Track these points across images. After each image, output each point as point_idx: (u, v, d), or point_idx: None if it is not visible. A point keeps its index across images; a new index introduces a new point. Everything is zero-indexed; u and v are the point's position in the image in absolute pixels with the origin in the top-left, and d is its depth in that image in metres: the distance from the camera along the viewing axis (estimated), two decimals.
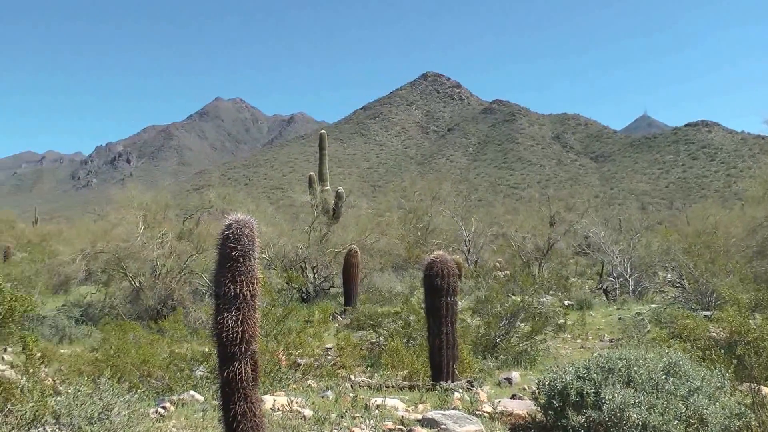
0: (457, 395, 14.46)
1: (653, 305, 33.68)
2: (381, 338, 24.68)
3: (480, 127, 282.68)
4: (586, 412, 10.34)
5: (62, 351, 23.84)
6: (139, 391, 13.59)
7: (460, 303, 17.88)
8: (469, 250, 54.71)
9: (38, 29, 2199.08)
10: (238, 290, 8.29)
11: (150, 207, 37.60)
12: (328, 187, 52.69)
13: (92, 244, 38.49)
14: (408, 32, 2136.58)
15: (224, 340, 8.32)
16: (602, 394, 10.36)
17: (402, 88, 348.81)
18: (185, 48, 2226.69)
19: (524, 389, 16.26)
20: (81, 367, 17.35)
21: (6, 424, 9.89)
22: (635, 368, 10.90)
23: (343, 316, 32.85)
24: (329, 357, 19.78)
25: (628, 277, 41.86)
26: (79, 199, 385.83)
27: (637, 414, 10.01)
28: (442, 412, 12.27)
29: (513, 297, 27.45)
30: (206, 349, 17.93)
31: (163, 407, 13.22)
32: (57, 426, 10.54)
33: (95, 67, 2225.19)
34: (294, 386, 16.27)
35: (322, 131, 60.98)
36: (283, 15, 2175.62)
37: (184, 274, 34.86)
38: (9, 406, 9.66)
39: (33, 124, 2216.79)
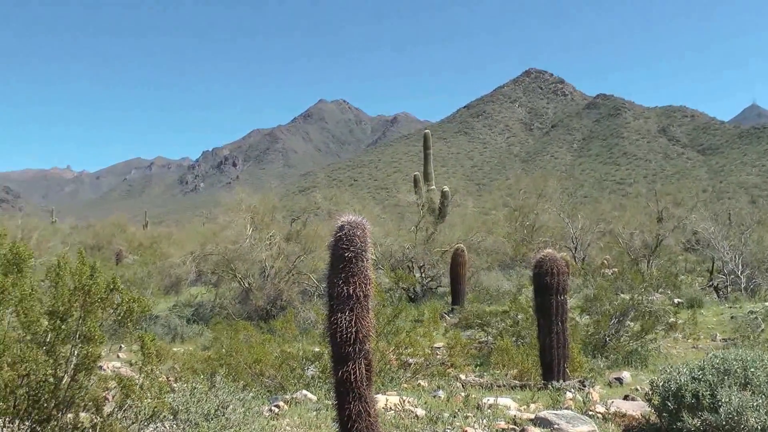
0: (569, 395, 14.30)
1: (767, 303, 32.73)
2: (489, 337, 24.54)
3: (584, 122, 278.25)
4: (701, 415, 10.07)
5: (175, 349, 24.36)
6: (253, 389, 13.78)
7: (568, 301, 17.67)
8: (576, 248, 54.01)
9: (146, 43, 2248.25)
10: (351, 291, 8.31)
11: (258, 209, 37.99)
12: (434, 187, 52.64)
13: (202, 247, 39.14)
14: (510, 29, 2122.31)
15: (338, 340, 8.36)
16: (718, 397, 10.07)
17: (505, 86, 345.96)
18: (288, 52, 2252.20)
19: (636, 390, 15.98)
20: (194, 365, 17.68)
21: (125, 419, 10.11)
22: (752, 370, 10.58)
23: (450, 315, 32.73)
24: (438, 356, 19.73)
25: (739, 273, 40.71)
26: (186, 202, 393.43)
27: (755, 418, 9.69)
28: (554, 411, 12.15)
29: (622, 295, 27.01)
30: (317, 349, 18.09)
31: (277, 406, 13.38)
32: (174, 422, 10.76)
33: (200, 75, 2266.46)
34: (405, 386, 16.31)
35: (426, 131, 61.01)
36: (384, 16, 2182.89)
37: (293, 275, 35.17)
38: (129, 402, 9.87)
39: (142, 132, 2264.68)
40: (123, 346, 26.11)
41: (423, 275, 41.53)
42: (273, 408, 13.22)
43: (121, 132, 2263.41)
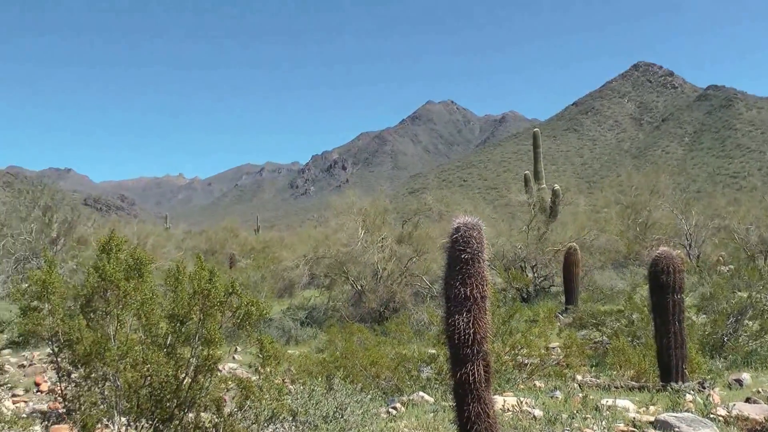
0: (688, 397, 14.00)
1: None
2: (604, 337, 24.23)
3: (695, 115, 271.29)
4: None
5: (290, 352, 24.67)
6: (370, 391, 13.88)
7: (685, 300, 17.31)
8: (690, 245, 52.97)
9: (255, 49, 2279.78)
10: (468, 292, 8.30)
11: (369, 212, 38.19)
12: (544, 185, 52.27)
13: (314, 250, 39.52)
14: (616, 23, 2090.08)
15: (456, 341, 8.36)
16: None
17: (613, 81, 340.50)
18: (395, 54, 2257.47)
19: (758, 392, 15.55)
20: (309, 368, 17.88)
21: (245, 419, 10.31)
22: None
23: (564, 315, 32.43)
24: (553, 357, 19.58)
25: None
26: (297, 206, 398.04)
27: None
28: (675, 414, 11.92)
29: (739, 293, 26.36)
30: (432, 351, 18.12)
31: (394, 407, 13.46)
32: (293, 423, 10.92)
33: (308, 79, 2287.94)
34: (521, 386, 16.25)
35: (536, 129, 60.62)
36: (488, 15, 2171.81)
37: (405, 277, 35.24)
38: (248, 403, 10.07)
39: (252, 138, 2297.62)
40: (238, 348, 26.54)
41: (535, 275, 41.27)
42: (390, 410, 13.31)
43: (231, 139, 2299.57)
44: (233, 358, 25.25)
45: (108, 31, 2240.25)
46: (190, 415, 10.25)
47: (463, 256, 8.38)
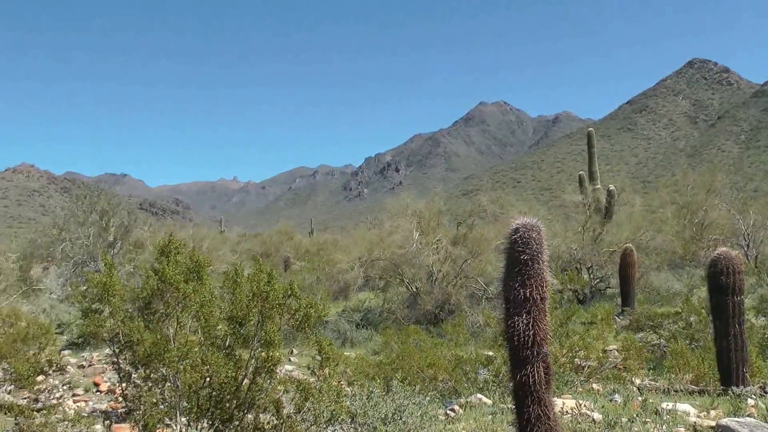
0: (750, 402, 13.77)
1: None
2: (662, 340, 23.98)
3: (751, 112, 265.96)
4: None
5: (346, 354, 24.71)
6: (428, 394, 13.86)
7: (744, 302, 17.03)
8: (747, 245, 52.16)
9: (307, 56, 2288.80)
10: (527, 294, 8.25)
11: (423, 214, 38.13)
12: (599, 186, 51.92)
13: (369, 252, 39.53)
14: (670, 19, 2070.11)
15: (515, 343, 8.30)
16: None
17: (667, 78, 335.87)
18: (448, 55, 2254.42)
19: None
20: (365, 370, 17.88)
21: (304, 421, 10.34)
22: None
23: (620, 317, 32.12)
24: (610, 360, 19.40)
25: None
26: (350, 209, 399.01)
27: None
28: (736, 419, 11.70)
29: None
30: (489, 353, 18.06)
31: (452, 410, 13.42)
32: (352, 425, 10.93)
33: (361, 82, 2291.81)
34: (579, 389, 16.12)
35: (590, 129, 60.24)
36: (540, 14, 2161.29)
37: (460, 279, 35.13)
38: (307, 404, 10.10)
39: (306, 141, 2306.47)
40: (294, 350, 26.67)
41: (591, 276, 40.93)
42: (448, 412, 13.27)
43: (285, 142, 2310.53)
44: (289, 360, 25.36)
45: (163, 38, 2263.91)
46: (249, 416, 10.32)
47: (522, 257, 8.33)
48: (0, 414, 15.02)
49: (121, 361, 10.83)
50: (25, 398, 16.76)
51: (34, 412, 14.60)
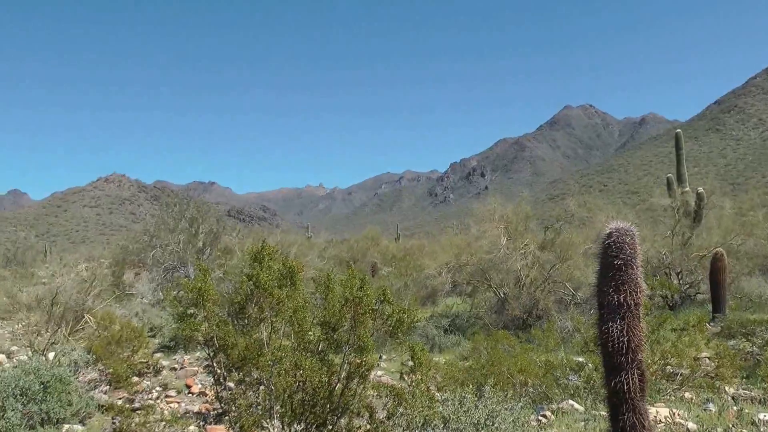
0: None
1: None
2: (755, 348, 23.48)
3: None
4: None
5: (434, 359, 24.70)
6: (521, 399, 13.78)
7: None
8: None
9: (393, 62, 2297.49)
10: (621, 299, 8.16)
11: (511, 219, 37.92)
12: (688, 188, 51.07)
13: (456, 257, 39.47)
14: (758, 17, 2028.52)
15: (609, 350, 8.23)
16: None
17: (757, 77, 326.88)
18: (533, 58, 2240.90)
19: None
20: (455, 375, 17.83)
21: (397, 426, 10.37)
22: None
23: (712, 324, 31.53)
24: (702, 367, 19.05)
25: None
26: (436, 214, 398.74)
27: None
28: None
29: None
30: (580, 359, 17.88)
31: (543, 416, 13.34)
32: (445, 430, 10.93)
33: (447, 85, 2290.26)
34: (672, 398, 15.87)
35: (678, 130, 59.28)
36: (625, 15, 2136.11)
37: (548, 284, 34.87)
38: (400, 410, 10.12)
39: (391, 146, 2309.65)
40: (383, 355, 26.75)
41: (680, 282, 40.27)
42: (540, 417, 13.21)
43: (371, 148, 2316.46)
44: (378, 365, 25.44)
45: (253, 44, 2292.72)
46: (343, 420, 10.40)
47: (616, 263, 8.26)
48: (98, 413, 15.39)
49: (215, 364, 10.99)
50: (120, 399, 17.13)
51: (133, 412, 14.94)
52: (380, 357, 26.69)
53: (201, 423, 14.46)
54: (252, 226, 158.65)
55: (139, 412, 15.05)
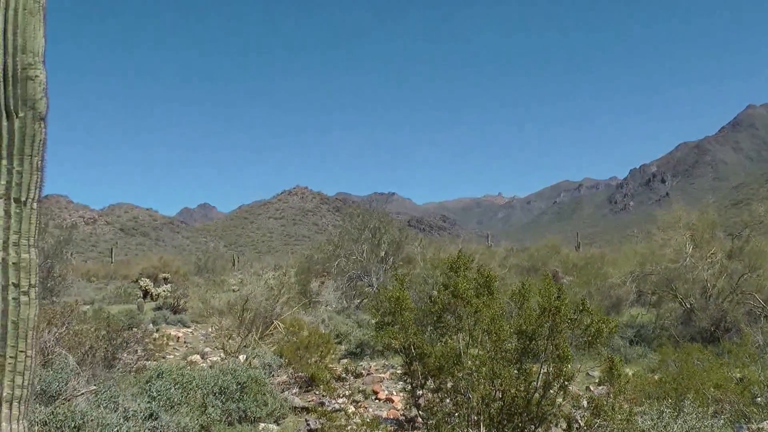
0: None
1: None
2: None
3: None
4: None
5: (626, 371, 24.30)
6: (723, 416, 13.49)
7: None
8: None
9: (559, 66, 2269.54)
10: None
11: (696, 226, 36.98)
12: None
13: (641, 266, 38.74)
14: None
15: None
16: None
17: None
18: (713, 57, 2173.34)
19: None
20: (645, 388, 17.56)
21: None
22: None
23: None
24: None
25: None
26: (616, 222, 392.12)
27: None
28: None
29: None
30: None
31: None
32: None
33: (623, 89, 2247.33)
34: None
35: None
36: None
37: (736, 295, 33.83)
38: (598, 421, 10.12)
39: (568, 154, 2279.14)
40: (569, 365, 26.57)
41: None
42: None
43: (548, 155, 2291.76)
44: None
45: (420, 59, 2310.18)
46: (540, 430, 10.46)
47: None
48: (291, 414, 15.96)
49: (412, 371, 11.26)
50: (309, 401, 17.65)
51: (333, 413, 15.42)
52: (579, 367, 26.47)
53: (396, 429, 14.78)
54: (432, 235, 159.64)
55: (334, 414, 15.53)
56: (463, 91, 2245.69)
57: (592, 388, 17.61)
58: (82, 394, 13.47)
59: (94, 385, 14.14)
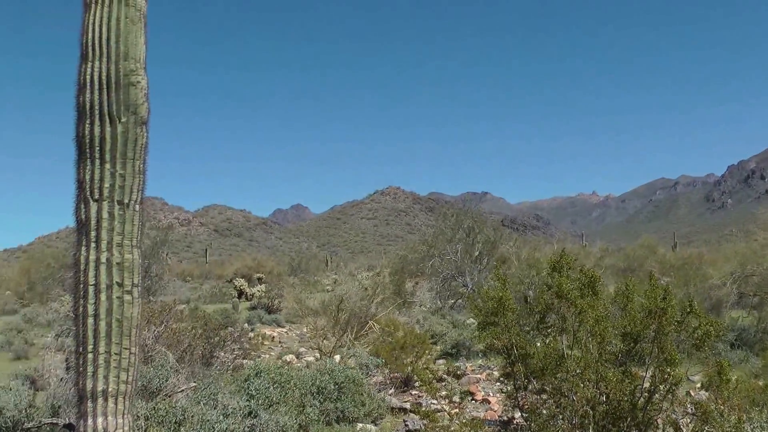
0: None
1: None
2: None
3: None
4: None
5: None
6: None
7: None
8: None
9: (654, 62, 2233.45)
10: None
11: None
12: None
13: (741, 267, 37.96)
14: None
15: None
16: None
17: None
18: None
19: None
20: (750, 394, 17.11)
21: None
22: None
23: None
24: None
25: None
26: (714, 221, 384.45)
27: None
28: None
29: None
30: None
31: None
32: None
33: (717, 81, 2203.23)
34: None
35: None
36: None
37: None
38: (706, 428, 9.84)
39: (664, 150, 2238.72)
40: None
41: None
42: None
43: (643, 152, 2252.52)
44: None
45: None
46: None
47: None
48: (388, 415, 15.95)
49: (515, 372, 11.13)
50: (406, 401, 17.61)
51: (435, 414, 15.37)
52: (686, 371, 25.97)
53: (499, 430, 14.65)
54: (525, 235, 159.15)
55: (436, 415, 15.48)
56: (557, 88, 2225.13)
57: (692, 393, 17.18)
58: (182, 390, 13.71)
59: (194, 382, 14.34)
